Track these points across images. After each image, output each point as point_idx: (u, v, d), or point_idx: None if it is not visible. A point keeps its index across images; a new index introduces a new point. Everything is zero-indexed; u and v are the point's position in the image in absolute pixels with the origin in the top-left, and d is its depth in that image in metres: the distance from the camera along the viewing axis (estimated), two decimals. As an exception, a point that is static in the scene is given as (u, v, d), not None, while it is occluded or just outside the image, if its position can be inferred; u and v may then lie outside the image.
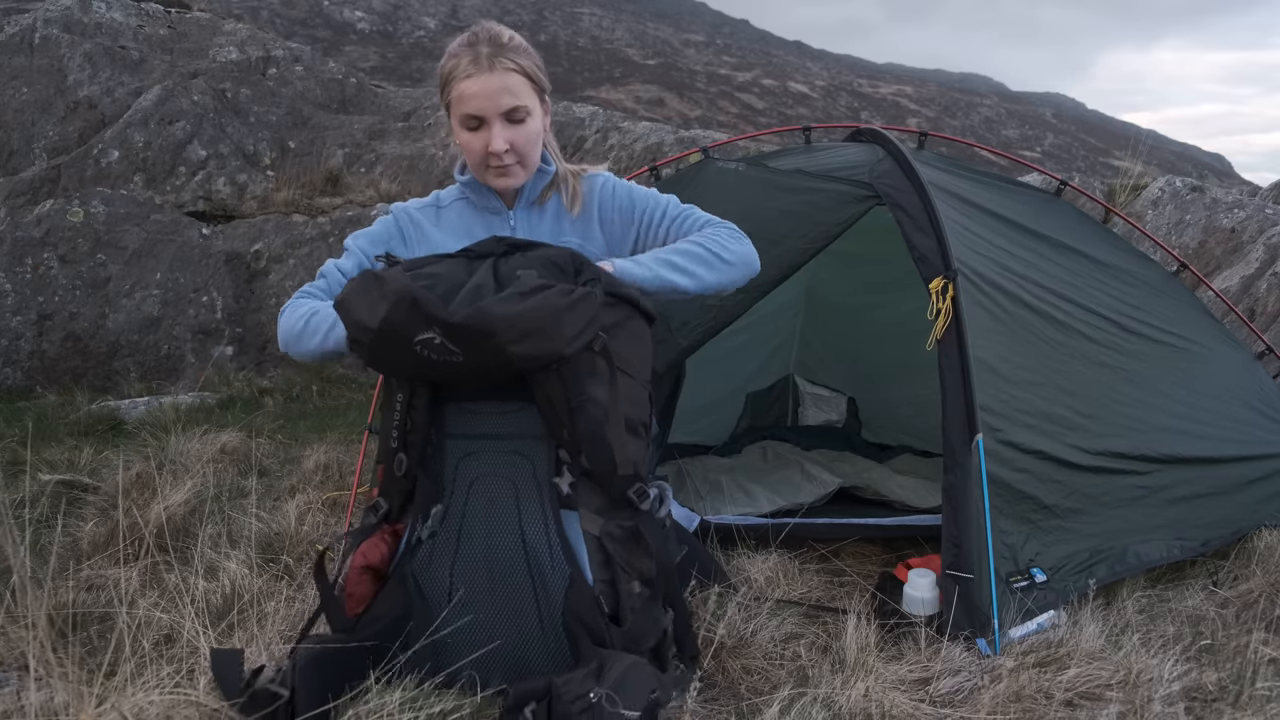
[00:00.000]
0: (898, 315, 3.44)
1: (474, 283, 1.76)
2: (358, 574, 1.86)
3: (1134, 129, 53.66)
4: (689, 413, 3.64)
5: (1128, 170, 6.80)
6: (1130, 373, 2.90)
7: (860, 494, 3.55)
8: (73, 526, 3.08)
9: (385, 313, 1.67)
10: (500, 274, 1.80)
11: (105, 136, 7.29)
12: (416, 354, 1.70)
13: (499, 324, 1.65)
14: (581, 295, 1.70)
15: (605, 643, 1.74)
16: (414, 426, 1.85)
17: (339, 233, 6.87)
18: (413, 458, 1.86)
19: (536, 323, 1.66)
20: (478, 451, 1.86)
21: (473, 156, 2.04)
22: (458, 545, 1.84)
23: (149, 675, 1.73)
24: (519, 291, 1.69)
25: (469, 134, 2.01)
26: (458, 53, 1.98)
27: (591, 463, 1.79)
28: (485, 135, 1.99)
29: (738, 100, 41.65)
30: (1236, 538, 2.84)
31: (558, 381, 1.74)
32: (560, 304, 1.68)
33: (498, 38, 1.99)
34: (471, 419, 1.87)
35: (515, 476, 1.84)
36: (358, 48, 39.05)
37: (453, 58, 1.98)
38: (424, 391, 1.83)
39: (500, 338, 1.65)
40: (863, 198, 2.85)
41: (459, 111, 1.98)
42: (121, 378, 6.05)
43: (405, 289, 1.67)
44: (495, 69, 1.94)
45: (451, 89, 1.97)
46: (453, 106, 2.01)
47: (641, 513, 1.84)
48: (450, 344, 1.67)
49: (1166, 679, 2.08)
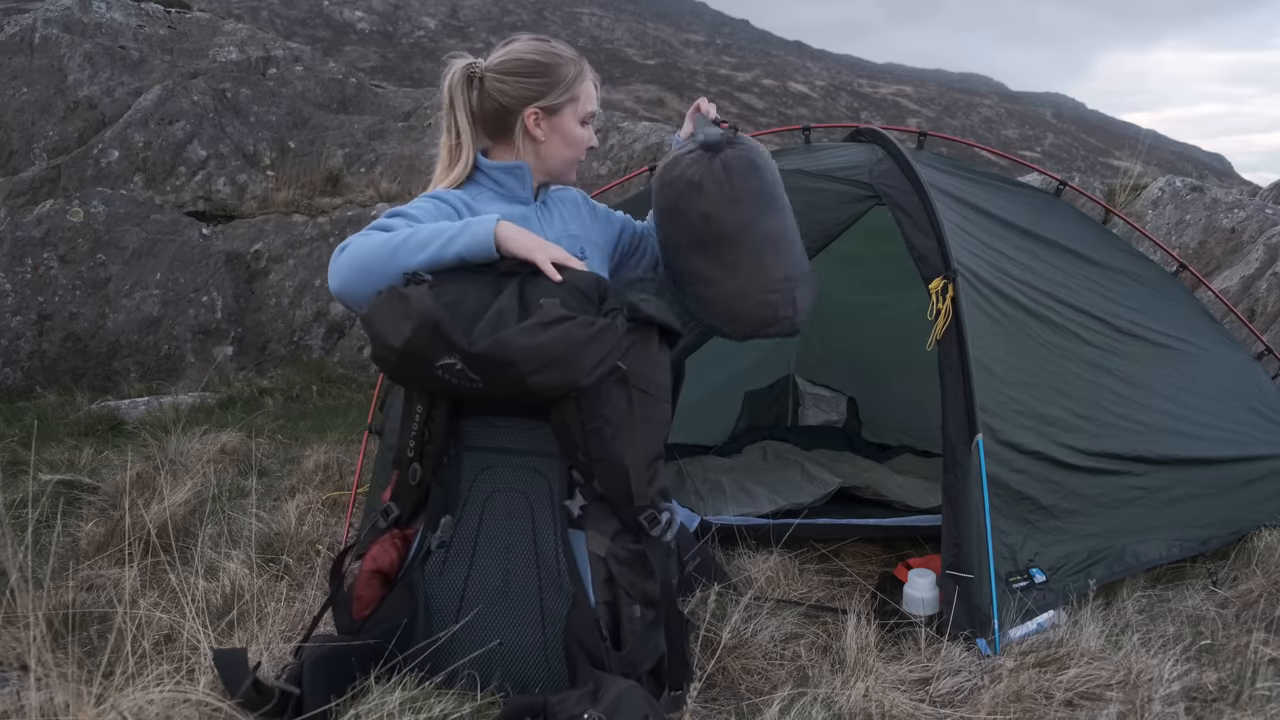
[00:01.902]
0: (898, 315, 3.44)
1: (498, 307, 1.76)
2: (367, 577, 1.87)
3: (1134, 129, 53.64)
4: (689, 413, 3.63)
5: (1127, 170, 6.80)
6: (1126, 375, 2.90)
7: (860, 494, 3.55)
8: (72, 526, 3.08)
9: (409, 334, 1.69)
10: (525, 296, 1.80)
11: (105, 136, 7.29)
12: (438, 377, 1.73)
13: (518, 355, 1.67)
14: (603, 327, 1.73)
15: (603, 665, 1.75)
16: (431, 438, 1.87)
17: (339, 233, 6.87)
18: (427, 468, 1.88)
19: (556, 354, 1.68)
20: (496, 466, 1.88)
21: (577, 149, 2.18)
22: (473, 557, 1.85)
23: (149, 674, 1.73)
24: (540, 322, 1.70)
25: (582, 129, 2.17)
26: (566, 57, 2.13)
27: (605, 486, 1.81)
28: (589, 131, 2.19)
29: (738, 100, 41.64)
30: (1236, 538, 2.84)
31: (574, 406, 1.77)
32: (581, 336, 1.70)
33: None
34: (493, 432, 1.89)
35: (532, 494, 1.86)
36: (358, 48, 39.03)
37: (569, 61, 2.13)
38: (444, 404, 1.85)
39: (520, 368, 1.68)
40: (862, 198, 2.85)
41: (585, 108, 2.15)
42: (121, 378, 6.05)
43: (429, 312, 1.68)
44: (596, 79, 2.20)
45: (575, 88, 2.13)
46: (576, 101, 2.14)
47: (650, 538, 1.85)
48: (470, 372, 1.70)
49: (1166, 679, 2.09)
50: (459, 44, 44.79)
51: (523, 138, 2.11)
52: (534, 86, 2.07)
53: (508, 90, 2.06)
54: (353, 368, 6.37)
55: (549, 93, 2.09)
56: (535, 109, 2.08)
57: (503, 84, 2.06)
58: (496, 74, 2.07)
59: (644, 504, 1.83)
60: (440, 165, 2.14)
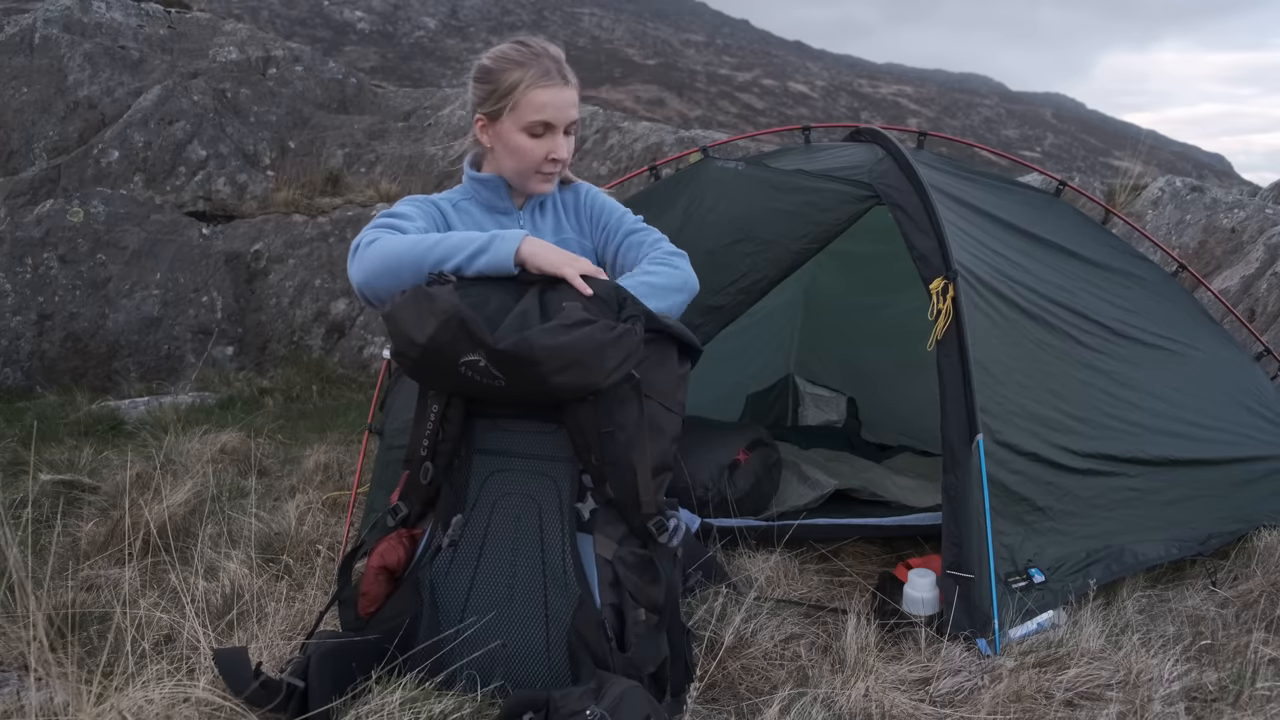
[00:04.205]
0: (898, 315, 3.44)
1: (521, 308, 1.80)
2: (374, 574, 1.90)
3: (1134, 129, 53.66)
4: (688, 412, 3.63)
5: (1127, 170, 6.80)
6: (1122, 377, 2.90)
7: (857, 495, 3.55)
8: (72, 526, 3.08)
9: (433, 331, 1.72)
10: (545, 302, 1.84)
11: (105, 136, 7.29)
12: (460, 373, 1.75)
13: (542, 354, 1.70)
14: (623, 332, 1.76)
15: (607, 665, 1.77)
16: (445, 438, 1.89)
17: (339, 233, 6.88)
18: (439, 467, 1.91)
19: (578, 356, 1.71)
20: (506, 469, 1.91)
21: (528, 160, 2.10)
22: (480, 558, 1.88)
23: (149, 674, 1.73)
24: (563, 324, 1.74)
25: (531, 139, 2.07)
26: (522, 60, 2.05)
27: (616, 491, 1.84)
28: (549, 143, 2.08)
29: (738, 100, 41.64)
30: (1235, 538, 2.84)
31: (589, 409, 1.79)
32: (603, 339, 1.73)
33: (559, 54, 2.10)
34: (503, 435, 1.91)
35: (540, 497, 1.88)
36: (358, 48, 39.06)
37: (517, 65, 2.04)
38: (459, 404, 1.88)
39: (543, 367, 1.71)
40: (862, 198, 2.85)
41: (528, 118, 2.05)
42: (121, 378, 6.05)
43: (454, 309, 1.71)
44: (567, 84, 2.07)
45: (518, 94, 2.04)
46: (516, 110, 2.06)
47: (657, 544, 1.87)
48: (494, 369, 1.72)
49: (1166, 679, 2.08)
50: (459, 44, 44.85)
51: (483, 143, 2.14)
52: (478, 92, 2.09)
53: (468, 96, 2.12)
54: (353, 368, 6.37)
55: (488, 99, 2.07)
56: (480, 115, 2.10)
57: (468, 89, 2.12)
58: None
59: (651, 511, 1.85)
60: None
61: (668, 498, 1.96)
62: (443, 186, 2.30)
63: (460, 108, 8.33)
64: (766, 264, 2.86)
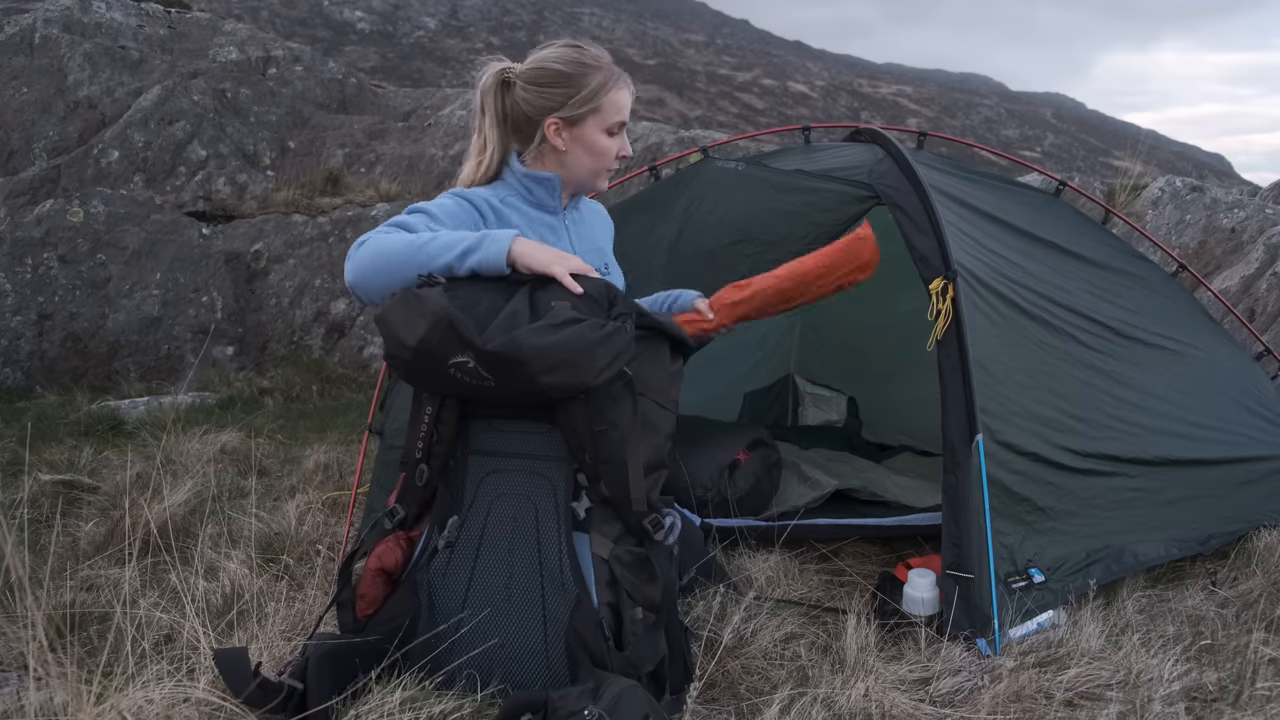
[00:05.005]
0: (898, 315, 3.44)
1: (510, 309, 1.80)
2: (372, 576, 1.90)
3: (1134, 129, 53.69)
4: (688, 412, 3.64)
5: (1128, 170, 6.81)
6: (1122, 377, 2.90)
7: (857, 495, 3.55)
8: (72, 526, 3.08)
9: (423, 333, 1.72)
10: (535, 301, 1.84)
11: (105, 136, 7.29)
12: (450, 375, 1.75)
13: (530, 354, 1.70)
14: (613, 330, 1.76)
15: (605, 665, 1.78)
16: (440, 439, 1.90)
17: (339, 233, 6.88)
18: (435, 469, 1.91)
19: (567, 355, 1.71)
20: (502, 470, 1.91)
21: (605, 159, 2.16)
22: (476, 558, 1.88)
23: (149, 674, 1.73)
24: (552, 323, 1.73)
25: (609, 138, 2.14)
26: (597, 64, 2.10)
27: (610, 489, 1.84)
28: (620, 140, 2.16)
29: (738, 100, 41.66)
30: (1235, 538, 2.84)
31: (582, 408, 1.79)
32: (592, 338, 1.73)
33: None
34: (498, 436, 1.91)
35: (536, 497, 1.89)
36: (358, 48, 39.07)
37: (594, 69, 2.09)
38: (453, 406, 1.88)
39: (531, 367, 1.70)
40: (862, 198, 2.85)
41: (612, 118, 2.12)
42: (121, 378, 6.05)
43: (443, 311, 1.71)
44: (630, 86, 2.18)
45: (602, 96, 2.10)
46: (600, 112, 2.11)
47: (653, 542, 1.87)
48: (483, 370, 1.72)
49: (1166, 679, 2.08)
50: (459, 44, 44.85)
51: (547, 145, 2.12)
52: (554, 97, 2.08)
53: (530, 99, 2.08)
54: (353, 368, 6.37)
55: (568, 103, 2.08)
56: (555, 119, 2.09)
57: (526, 92, 2.08)
58: (523, 81, 2.09)
59: (643, 509, 1.85)
60: (469, 163, 2.18)
61: (664, 495, 1.96)
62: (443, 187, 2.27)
63: (460, 107, 8.33)
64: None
